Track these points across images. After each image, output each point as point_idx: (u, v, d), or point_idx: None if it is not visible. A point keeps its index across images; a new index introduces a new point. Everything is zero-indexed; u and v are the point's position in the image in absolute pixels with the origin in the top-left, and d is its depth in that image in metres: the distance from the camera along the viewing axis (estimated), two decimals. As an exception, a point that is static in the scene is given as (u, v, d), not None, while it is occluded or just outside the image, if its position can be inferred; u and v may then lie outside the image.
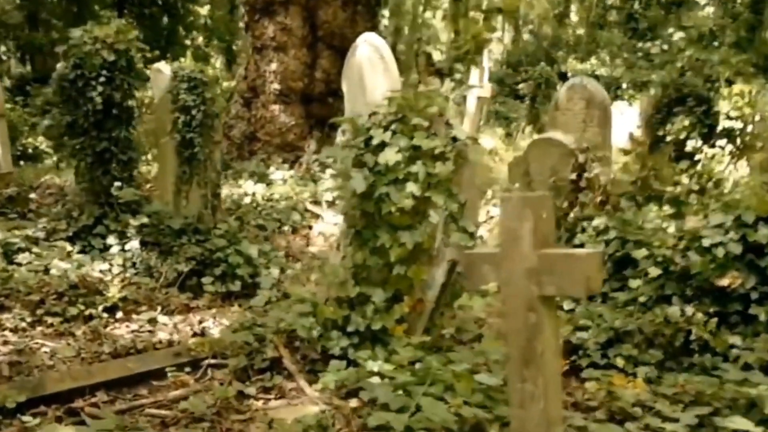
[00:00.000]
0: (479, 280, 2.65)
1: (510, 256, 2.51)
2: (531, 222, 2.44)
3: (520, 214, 2.46)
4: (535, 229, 2.44)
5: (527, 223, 2.44)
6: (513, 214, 2.49)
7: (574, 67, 22.94)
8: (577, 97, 9.29)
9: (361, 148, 3.74)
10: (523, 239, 2.46)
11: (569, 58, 24.71)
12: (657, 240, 4.19)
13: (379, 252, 3.66)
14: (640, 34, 23.61)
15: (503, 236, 2.53)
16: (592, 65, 23.30)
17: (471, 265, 2.67)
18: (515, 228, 2.48)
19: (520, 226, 2.46)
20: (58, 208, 6.29)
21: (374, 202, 3.65)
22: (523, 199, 2.46)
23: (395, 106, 3.68)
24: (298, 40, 7.97)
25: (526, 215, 2.44)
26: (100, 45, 5.57)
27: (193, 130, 5.37)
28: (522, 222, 2.45)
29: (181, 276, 5.02)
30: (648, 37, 23.20)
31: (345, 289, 3.77)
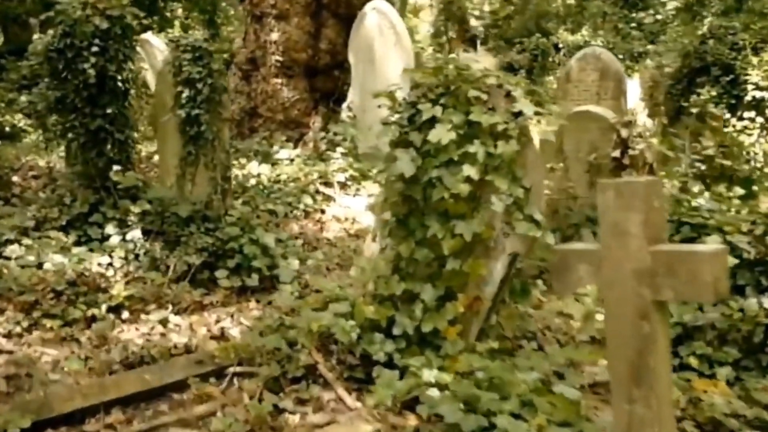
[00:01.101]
0: (574, 283, 2.23)
1: (614, 254, 2.10)
2: (641, 213, 2.02)
3: (627, 203, 2.04)
4: (646, 222, 2.02)
5: (636, 214, 2.02)
6: (618, 203, 2.06)
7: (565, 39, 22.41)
8: (589, 69, 8.88)
9: (404, 126, 3.27)
10: (632, 234, 2.04)
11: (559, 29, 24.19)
12: (724, 223, 3.78)
13: (428, 244, 3.21)
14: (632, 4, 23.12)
15: (605, 231, 2.12)
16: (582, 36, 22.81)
17: (563, 264, 2.24)
18: (621, 221, 2.07)
19: (627, 219, 2.05)
20: (47, 194, 5.77)
21: (422, 186, 3.20)
22: (631, 185, 2.04)
23: (443, 77, 3.21)
24: (301, 7, 7.40)
25: (634, 205, 2.02)
26: (91, 11, 5.02)
27: (199, 106, 4.85)
28: (629, 213, 2.04)
29: (191, 269, 4.55)
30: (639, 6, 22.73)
31: (388, 286, 3.34)
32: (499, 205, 2.93)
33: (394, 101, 3.47)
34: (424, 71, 3.30)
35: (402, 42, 6.92)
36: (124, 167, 5.23)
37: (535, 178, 3.01)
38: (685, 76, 7.87)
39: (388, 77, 7.09)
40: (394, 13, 7.11)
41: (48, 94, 5.07)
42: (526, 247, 2.99)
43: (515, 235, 3.00)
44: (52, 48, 4.99)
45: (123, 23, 5.10)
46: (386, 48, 7.05)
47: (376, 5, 7.14)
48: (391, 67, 7.01)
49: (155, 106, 5.34)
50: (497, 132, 2.99)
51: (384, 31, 7.00)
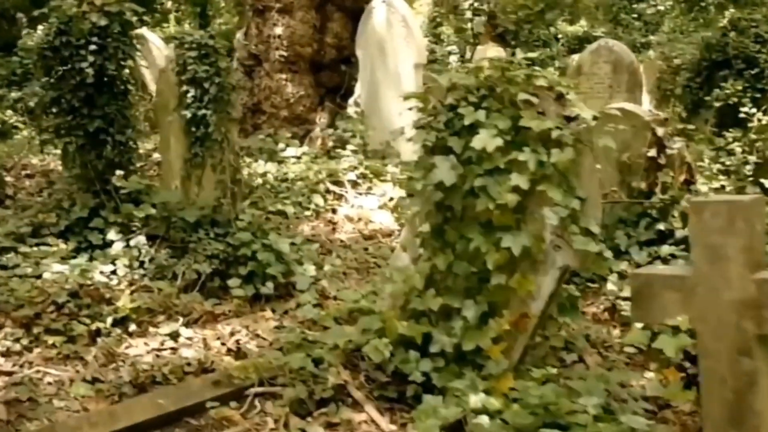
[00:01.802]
0: (658, 312, 1.96)
1: (710, 282, 1.84)
2: (743, 237, 1.77)
3: (726, 226, 1.78)
4: (748, 247, 1.77)
5: (737, 238, 1.77)
6: (715, 226, 1.80)
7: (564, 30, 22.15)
8: (602, 61, 8.61)
9: (441, 130, 3.01)
10: (731, 260, 1.79)
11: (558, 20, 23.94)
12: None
13: (469, 256, 2.96)
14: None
15: (699, 255, 1.85)
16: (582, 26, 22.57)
17: (646, 290, 1.98)
18: (718, 245, 1.80)
19: (726, 243, 1.79)
20: (44, 197, 5.49)
21: (462, 196, 2.94)
22: (731, 205, 1.78)
23: (484, 78, 2.95)
24: (306, 0, 7.12)
25: (735, 228, 1.77)
26: (88, 7, 4.73)
27: (206, 106, 4.57)
28: (729, 237, 1.78)
29: (201, 278, 4.28)
30: (638, -3, 22.47)
31: (422, 301, 3.08)
32: (553, 217, 2.67)
33: (427, 103, 3.21)
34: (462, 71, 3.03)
35: (413, 36, 6.65)
36: (125, 170, 4.97)
37: (590, 188, 2.75)
38: (705, 69, 7.64)
39: (398, 72, 6.85)
40: (405, 7, 6.85)
41: (43, 94, 4.78)
42: (581, 261, 2.74)
43: (567, 248, 2.75)
44: (46, 46, 4.71)
45: (122, 19, 4.81)
46: (396, 42, 6.78)
47: (386, -1, 6.87)
48: (402, 62, 6.76)
49: (157, 105, 5.06)
50: (549, 138, 2.73)
51: (394, 25, 6.73)
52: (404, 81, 6.80)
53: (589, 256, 2.71)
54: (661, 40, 18.51)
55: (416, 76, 6.71)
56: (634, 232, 4.10)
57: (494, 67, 2.92)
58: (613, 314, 3.94)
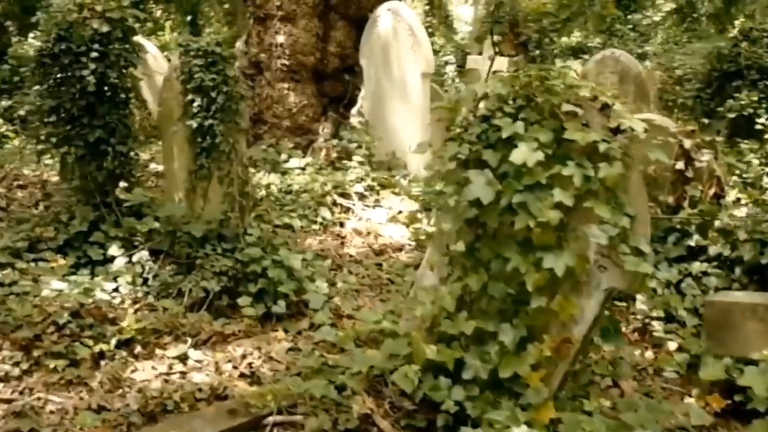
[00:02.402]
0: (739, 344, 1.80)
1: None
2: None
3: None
4: None
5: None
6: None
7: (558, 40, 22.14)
8: (608, 71, 8.51)
9: (474, 142, 2.83)
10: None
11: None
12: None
13: (506, 277, 2.78)
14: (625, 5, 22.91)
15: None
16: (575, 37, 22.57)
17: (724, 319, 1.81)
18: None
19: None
20: (40, 210, 5.26)
21: (498, 213, 2.76)
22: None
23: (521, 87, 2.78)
24: (308, 8, 6.93)
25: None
26: (89, 13, 4.53)
27: (213, 116, 4.37)
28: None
29: (208, 296, 4.07)
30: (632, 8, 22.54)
31: (455, 324, 2.90)
32: (602, 236, 2.50)
33: (455, 113, 3.04)
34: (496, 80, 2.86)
35: (420, 45, 6.47)
36: (126, 182, 4.77)
37: (639, 204, 2.59)
38: (716, 80, 7.54)
39: (404, 81, 6.69)
40: (412, 15, 6.69)
41: (40, 102, 4.57)
42: (629, 282, 2.57)
43: (614, 268, 2.58)
44: (45, 53, 4.50)
45: (124, 26, 4.62)
46: (402, 51, 6.61)
47: (392, 6, 6.71)
48: (408, 71, 6.59)
49: (160, 115, 4.85)
50: (595, 152, 2.57)
51: (400, 34, 6.56)
52: (410, 91, 6.64)
53: (637, 277, 2.54)
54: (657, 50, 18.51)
55: (423, 85, 6.55)
56: (662, 248, 3.94)
57: (532, 75, 2.76)
58: (643, 335, 3.78)
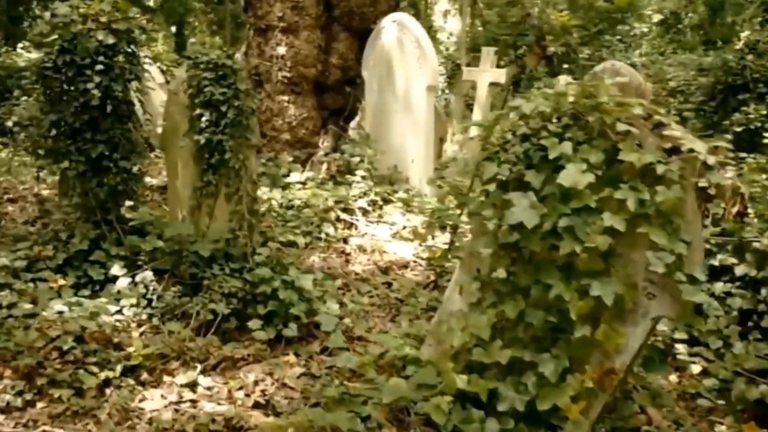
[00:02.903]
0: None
1: None
2: None
3: None
4: None
5: None
6: None
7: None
8: (610, 83, 8.48)
9: (514, 162, 2.72)
10: None
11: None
12: None
13: (546, 304, 2.67)
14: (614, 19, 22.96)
15: None
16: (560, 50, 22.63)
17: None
18: None
19: None
20: (37, 227, 5.07)
21: (540, 237, 2.65)
22: None
23: (567, 104, 2.67)
24: (311, 20, 6.80)
25: None
26: (94, 24, 4.38)
27: (222, 131, 4.23)
28: None
29: (216, 318, 3.92)
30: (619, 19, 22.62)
31: (488, 353, 2.78)
32: (658, 263, 2.39)
33: (490, 131, 2.93)
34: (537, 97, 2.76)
35: (426, 57, 6.37)
36: (129, 198, 4.62)
37: (694, 229, 2.49)
38: (720, 93, 7.52)
39: (408, 94, 6.58)
40: (418, 27, 6.58)
41: (42, 117, 4.41)
42: (680, 311, 2.47)
43: (663, 296, 2.47)
44: (47, 65, 4.34)
45: (130, 37, 4.48)
46: (407, 63, 6.51)
47: (398, 18, 6.60)
48: (413, 84, 6.48)
49: (164, 129, 4.69)
50: (648, 173, 2.46)
51: (405, 46, 6.46)
52: (414, 104, 6.53)
53: (689, 306, 2.44)
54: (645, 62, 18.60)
55: (428, 98, 6.44)
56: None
57: (579, 93, 2.65)
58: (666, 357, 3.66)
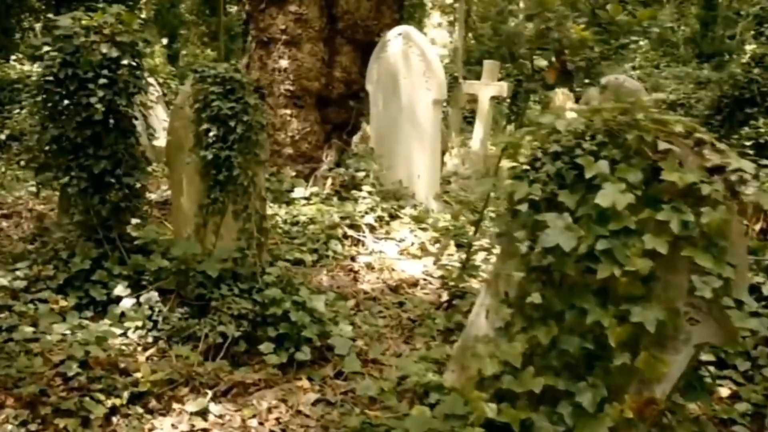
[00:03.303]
0: None
1: None
2: None
3: None
4: None
5: None
6: None
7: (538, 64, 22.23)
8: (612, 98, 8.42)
9: (546, 181, 2.60)
10: None
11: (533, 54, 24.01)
12: None
13: (582, 330, 2.55)
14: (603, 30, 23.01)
15: None
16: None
17: None
18: None
19: None
20: (36, 245, 4.91)
21: (574, 259, 2.53)
22: None
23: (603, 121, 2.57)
24: (315, 32, 6.68)
25: None
26: (98, 37, 4.26)
27: (231, 147, 4.10)
28: None
29: (226, 341, 3.77)
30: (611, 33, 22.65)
31: (520, 381, 2.65)
32: (705, 288, 2.28)
33: (518, 149, 2.81)
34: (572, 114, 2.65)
35: (433, 71, 6.27)
36: (132, 216, 4.48)
37: (740, 252, 2.38)
38: (726, 107, 7.46)
39: (413, 108, 6.48)
40: (424, 41, 6.48)
41: (43, 131, 4.26)
42: (725, 337, 2.35)
43: (708, 322, 2.36)
44: (48, 79, 4.20)
45: (134, 50, 4.35)
46: (413, 77, 6.40)
47: (403, 31, 6.50)
48: (419, 98, 6.38)
49: (169, 145, 4.55)
50: (690, 194, 2.35)
51: (411, 59, 6.35)
52: (420, 118, 6.42)
53: (735, 332, 2.33)
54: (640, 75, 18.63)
55: (434, 112, 6.34)
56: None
57: (614, 109, 2.55)
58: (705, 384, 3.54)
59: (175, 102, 4.47)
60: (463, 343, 3.12)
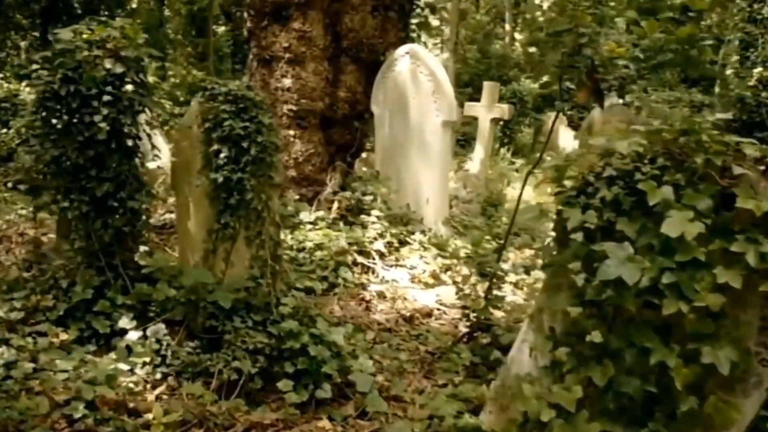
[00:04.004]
0: None
1: None
2: None
3: None
4: None
5: None
6: None
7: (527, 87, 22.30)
8: (615, 120, 8.33)
9: (601, 208, 2.42)
10: None
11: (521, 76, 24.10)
12: None
13: (642, 371, 2.35)
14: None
15: None
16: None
17: None
18: None
19: None
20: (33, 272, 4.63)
21: (634, 293, 2.34)
22: None
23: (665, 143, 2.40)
24: (319, 50, 6.50)
25: None
26: (101, 52, 4.04)
27: (243, 169, 3.89)
28: None
29: (241, 377, 3.53)
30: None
31: (573, 426, 2.44)
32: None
33: (564, 173, 2.63)
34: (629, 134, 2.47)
35: (443, 91, 6.11)
36: (134, 242, 4.24)
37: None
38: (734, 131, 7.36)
39: (422, 130, 6.31)
40: (433, 60, 6.33)
41: (42, 151, 4.02)
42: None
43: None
44: (48, 96, 3.97)
45: (139, 66, 4.14)
46: (421, 97, 6.24)
47: (411, 49, 6.35)
48: (427, 119, 6.22)
49: (175, 166, 4.33)
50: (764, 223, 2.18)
51: (419, 79, 6.19)
52: (429, 140, 6.26)
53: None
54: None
55: (444, 134, 6.18)
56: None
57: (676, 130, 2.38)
58: None
59: (182, 121, 4.25)
60: (503, 381, 2.91)
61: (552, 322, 2.71)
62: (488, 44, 28.78)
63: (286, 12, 6.44)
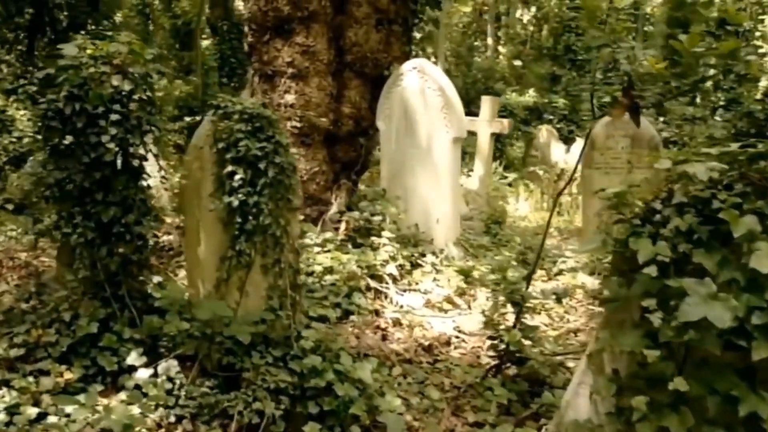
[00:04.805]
0: None
1: None
2: None
3: None
4: None
5: None
6: None
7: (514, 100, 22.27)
8: (618, 135, 8.16)
9: (670, 236, 2.22)
10: None
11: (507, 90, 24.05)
12: None
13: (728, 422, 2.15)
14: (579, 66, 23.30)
15: None
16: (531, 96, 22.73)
17: None
18: None
19: None
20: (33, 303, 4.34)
21: (716, 334, 2.14)
22: None
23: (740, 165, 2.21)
24: (323, 65, 6.27)
25: None
26: (107, 68, 3.79)
27: (260, 192, 3.66)
28: None
29: (263, 420, 3.28)
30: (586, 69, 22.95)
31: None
32: None
33: (627, 204, 2.44)
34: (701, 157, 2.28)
35: (452, 107, 5.92)
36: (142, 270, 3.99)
37: None
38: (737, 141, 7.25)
39: (430, 147, 6.11)
40: (441, 75, 6.14)
41: (46, 174, 3.77)
42: None
43: None
44: (52, 115, 3.72)
45: (147, 83, 3.90)
46: (430, 114, 6.04)
47: (418, 64, 6.16)
48: (436, 136, 6.02)
49: (184, 189, 4.08)
50: None
51: (427, 94, 6.00)
52: (438, 157, 6.06)
53: None
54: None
55: (454, 151, 5.99)
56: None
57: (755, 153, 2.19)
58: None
59: (192, 141, 4.01)
60: (557, 428, 2.69)
61: (615, 363, 2.50)
62: (471, 57, 28.80)
63: (288, 26, 6.22)
